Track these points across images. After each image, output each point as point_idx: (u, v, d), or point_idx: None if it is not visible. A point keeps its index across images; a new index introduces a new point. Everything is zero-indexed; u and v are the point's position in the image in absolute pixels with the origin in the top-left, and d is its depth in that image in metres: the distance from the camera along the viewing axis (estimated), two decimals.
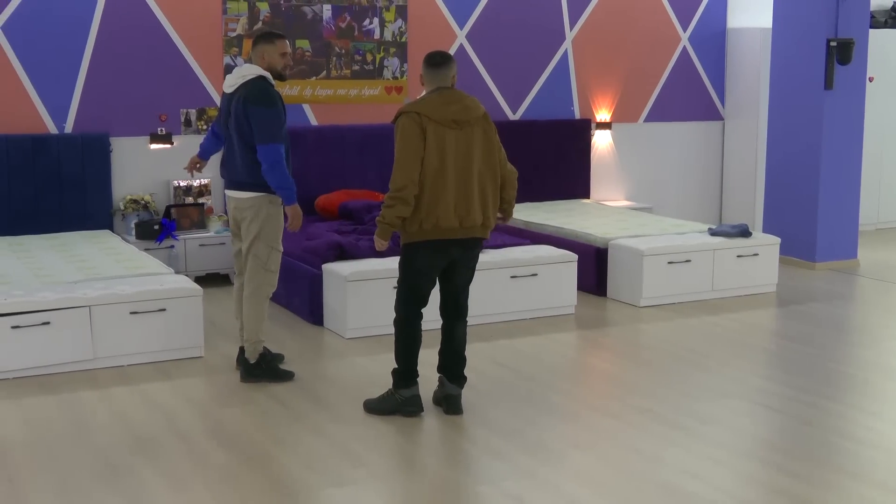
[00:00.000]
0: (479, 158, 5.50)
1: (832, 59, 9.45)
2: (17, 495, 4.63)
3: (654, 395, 6.07)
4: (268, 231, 6.19)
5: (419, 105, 5.42)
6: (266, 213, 6.16)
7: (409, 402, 5.62)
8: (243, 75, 6.15)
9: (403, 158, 5.34)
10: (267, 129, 6.00)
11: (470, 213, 5.47)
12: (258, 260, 6.21)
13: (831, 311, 8.26)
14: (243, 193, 6.19)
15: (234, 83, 6.18)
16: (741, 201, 11.60)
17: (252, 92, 6.06)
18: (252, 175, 6.11)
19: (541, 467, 4.98)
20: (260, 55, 6.20)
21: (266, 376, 6.32)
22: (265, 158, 5.99)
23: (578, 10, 10.81)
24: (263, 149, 5.99)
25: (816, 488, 4.73)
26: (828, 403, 5.96)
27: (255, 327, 6.28)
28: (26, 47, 8.54)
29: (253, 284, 6.26)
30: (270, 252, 6.23)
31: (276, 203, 6.18)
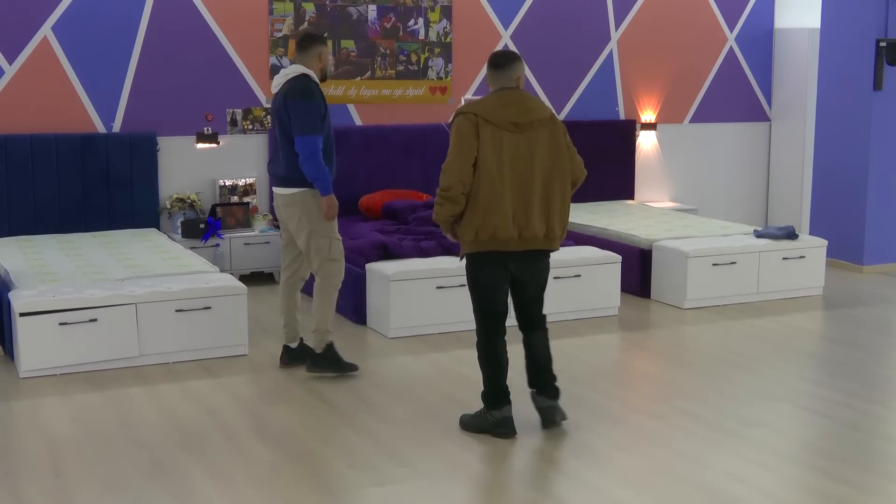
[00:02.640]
0: (543, 164, 5.18)
1: (881, 59, 9.34)
2: (65, 490, 4.68)
3: (699, 398, 6.03)
4: (320, 223, 6.22)
5: (476, 106, 5.18)
6: (311, 206, 6.20)
7: (500, 424, 5.32)
8: (287, 74, 6.22)
9: (453, 158, 5.14)
10: (303, 121, 6.05)
11: (530, 223, 5.16)
12: (321, 252, 6.25)
13: (879, 315, 8.17)
14: (288, 189, 6.23)
15: (279, 83, 6.25)
16: (787, 203, 11.49)
17: (292, 87, 6.13)
18: (295, 170, 6.16)
19: (585, 470, 4.96)
20: (317, 55, 6.26)
21: (331, 367, 6.36)
22: (301, 149, 6.06)
23: (624, 11, 10.76)
24: (300, 140, 6.06)
25: (863, 493, 4.68)
26: (875, 408, 5.90)
27: (324, 318, 6.33)
28: (76, 48, 8.63)
29: (320, 277, 6.31)
30: (331, 242, 6.26)
31: (318, 196, 6.21)
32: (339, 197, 9.43)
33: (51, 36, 8.55)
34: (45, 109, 8.60)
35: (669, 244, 8.37)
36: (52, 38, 8.56)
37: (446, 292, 7.36)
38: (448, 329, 7.37)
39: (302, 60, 6.27)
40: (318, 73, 6.27)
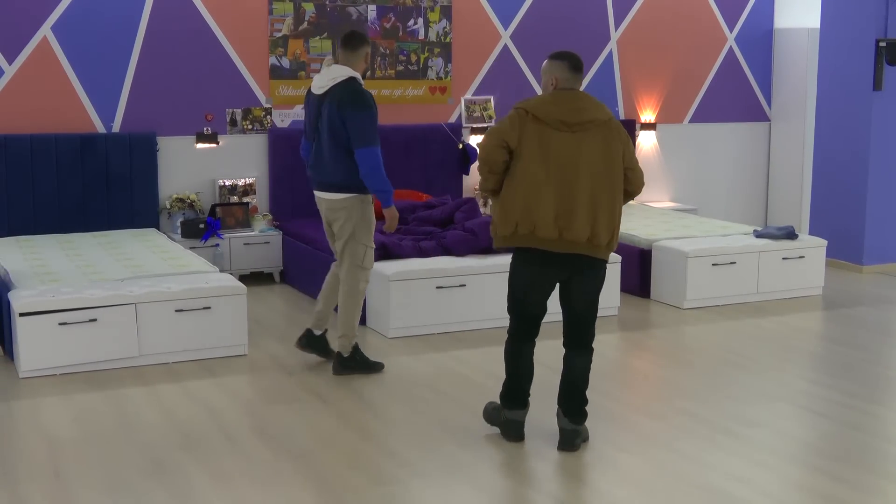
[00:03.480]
0: (593, 166, 4.95)
1: (881, 59, 9.35)
2: (64, 490, 4.68)
3: (699, 398, 6.03)
4: (361, 231, 6.24)
5: (530, 102, 5.09)
6: (359, 214, 6.21)
7: (508, 425, 5.25)
8: (334, 77, 6.14)
9: (486, 141, 5.06)
10: (364, 133, 6.02)
11: (572, 225, 4.92)
12: (354, 258, 6.27)
13: (879, 315, 8.17)
14: (335, 195, 6.21)
15: (324, 85, 6.18)
16: (787, 203, 11.49)
17: (347, 95, 6.06)
18: (344, 177, 6.14)
19: (585, 469, 4.96)
20: (364, 56, 6.24)
21: (359, 369, 6.39)
22: (364, 162, 6.02)
23: (623, 11, 10.76)
24: (361, 153, 6.01)
25: (863, 493, 4.68)
26: (875, 408, 5.90)
27: (350, 323, 6.35)
28: (75, 47, 8.63)
29: (349, 283, 6.32)
30: (366, 250, 6.28)
31: (367, 203, 6.22)
32: None
33: (50, 36, 8.55)
34: (45, 109, 8.60)
35: (669, 244, 8.37)
36: (51, 38, 8.56)
37: (446, 292, 7.36)
38: (447, 329, 7.37)
39: (349, 61, 6.19)
40: (361, 73, 6.24)
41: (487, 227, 7.86)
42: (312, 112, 6.29)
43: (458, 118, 10.06)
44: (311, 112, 6.30)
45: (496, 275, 7.49)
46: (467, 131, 10.07)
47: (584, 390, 5.26)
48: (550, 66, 5.18)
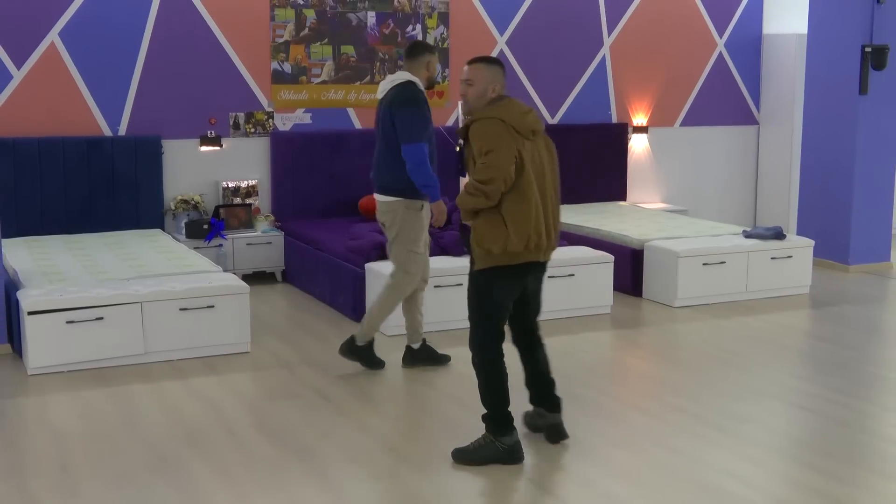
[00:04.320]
0: (550, 172, 4.98)
1: (867, 64, 9.33)
2: (71, 484, 4.66)
3: (690, 394, 6.02)
4: (405, 235, 6.18)
5: (500, 112, 4.85)
6: (402, 218, 6.14)
7: (513, 450, 4.91)
8: (393, 80, 6.17)
9: (498, 154, 4.74)
10: (410, 129, 6.00)
11: (554, 232, 4.97)
12: (399, 261, 6.23)
13: (864, 314, 8.16)
14: (384, 197, 6.20)
15: (384, 88, 6.20)
16: (775, 204, 11.49)
17: (398, 94, 6.07)
18: (392, 179, 6.12)
19: (579, 464, 4.95)
20: (425, 64, 6.21)
21: (362, 360, 6.38)
22: (409, 157, 5.99)
23: (616, 17, 10.74)
24: (407, 148, 5.98)
25: (852, 488, 4.67)
26: (862, 404, 5.89)
27: (378, 317, 6.33)
28: (82, 53, 8.61)
29: (392, 282, 6.28)
30: (409, 255, 6.21)
31: (413, 208, 6.14)
32: (338, 199, 9.53)
33: (58, 42, 8.53)
34: (53, 113, 8.58)
35: (661, 244, 8.36)
36: (59, 44, 8.53)
37: (443, 291, 7.34)
38: (444, 327, 7.35)
39: (410, 68, 6.21)
40: (425, 82, 6.22)
41: None
42: (377, 116, 6.30)
43: (455, 121, 10.05)
44: (376, 116, 6.32)
45: None
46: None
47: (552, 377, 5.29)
48: (493, 73, 4.97)
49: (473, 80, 4.93)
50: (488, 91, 4.93)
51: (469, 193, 4.83)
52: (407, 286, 6.29)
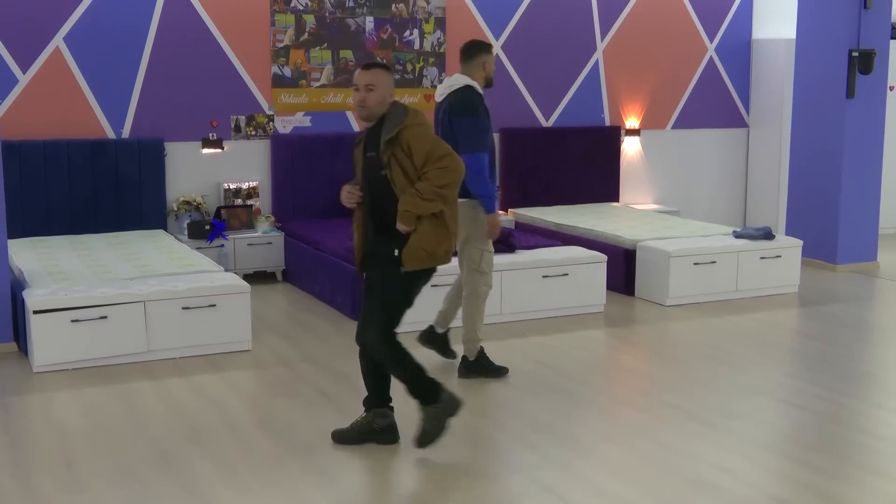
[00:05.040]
0: None
1: (854, 68, 9.33)
2: (76, 480, 4.64)
3: (682, 391, 6.01)
4: (475, 235, 6.09)
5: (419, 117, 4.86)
6: (470, 218, 6.05)
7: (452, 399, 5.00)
8: (451, 85, 6.08)
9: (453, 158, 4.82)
10: (470, 139, 5.90)
11: None
12: (472, 262, 6.14)
13: (852, 312, 8.16)
14: None
15: (442, 93, 6.12)
16: (765, 205, 11.49)
17: (457, 102, 5.98)
18: None
19: (573, 459, 4.94)
20: (481, 64, 6.10)
21: (484, 373, 6.22)
22: (468, 167, 5.82)
23: (609, 22, 10.74)
24: (467, 158, 5.81)
25: (840, 483, 4.66)
26: (850, 401, 5.88)
27: (473, 327, 6.20)
28: (87, 58, 8.59)
29: (469, 286, 6.19)
30: (482, 254, 6.13)
31: (479, 208, 6.05)
32: (337, 200, 9.45)
33: (63, 46, 8.51)
34: (58, 116, 8.56)
35: (653, 244, 8.35)
36: (63, 49, 8.52)
37: (440, 290, 7.31)
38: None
39: (466, 70, 6.10)
40: (482, 82, 6.12)
41: None
42: (436, 119, 6.22)
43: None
44: (435, 119, 6.23)
45: None
46: None
47: None
48: (390, 79, 4.88)
49: (375, 86, 4.78)
50: (387, 97, 4.85)
51: (424, 199, 4.74)
52: (484, 286, 6.20)
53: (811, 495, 4.50)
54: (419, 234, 4.82)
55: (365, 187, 4.94)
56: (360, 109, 4.84)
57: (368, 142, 4.90)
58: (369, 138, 4.90)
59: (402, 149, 4.75)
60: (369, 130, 4.91)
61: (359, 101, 4.81)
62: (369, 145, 4.89)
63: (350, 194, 4.96)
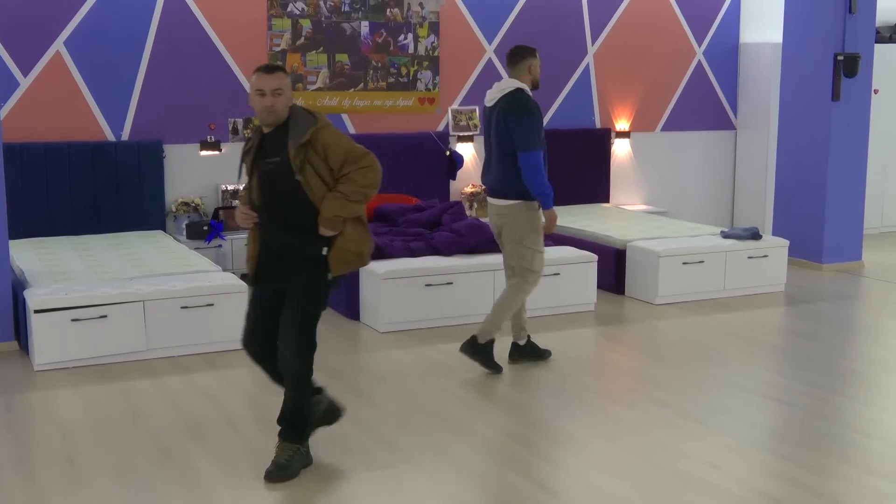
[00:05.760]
0: None
1: (839, 72, 9.35)
2: (77, 476, 4.64)
3: (671, 388, 6.02)
4: (528, 235, 6.15)
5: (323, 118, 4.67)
6: (525, 219, 6.12)
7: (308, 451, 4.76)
8: (503, 89, 6.15)
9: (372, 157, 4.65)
10: (526, 138, 5.98)
11: None
12: (523, 261, 6.19)
13: (837, 310, 8.17)
14: (503, 201, 6.16)
15: (494, 97, 6.18)
16: (752, 206, 11.51)
17: (511, 103, 6.05)
18: (511, 184, 6.09)
19: (565, 455, 4.95)
20: (527, 68, 6.19)
21: (483, 361, 6.27)
22: (526, 166, 5.97)
23: (600, 27, 10.75)
24: (524, 156, 5.96)
25: (825, 478, 4.67)
26: (835, 397, 5.90)
27: (500, 316, 6.24)
28: (87, 61, 8.58)
29: (515, 281, 6.25)
30: (534, 254, 6.19)
31: (533, 209, 6.13)
32: None
33: (63, 50, 8.50)
34: (58, 119, 8.55)
35: (642, 244, 8.36)
36: (64, 53, 8.51)
37: (434, 289, 7.34)
38: (435, 324, 7.35)
39: (514, 74, 6.20)
40: (529, 84, 6.20)
41: (473, 229, 7.86)
42: (485, 123, 6.29)
43: (445, 127, 10.04)
44: (485, 123, 6.31)
45: (481, 273, 7.48)
46: (454, 139, 10.06)
47: None
48: (290, 82, 4.65)
49: (283, 90, 4.52)
50: (290, 99, 4.62)
51: (351, 201, 4.54)
52: (531, 285, 6.26)
53: (797, 490, 4.51)
54: (345, 237, 4.59)
55: (267, 195, 4.61)
56: (267, 115, 4.52)
57: (269, 148, 4.57)
58: (269, 144, 4.58)
59: (317, 151, 4.50)
60: (267, 136, 4.59)
61: (267, 106, 4.50)
62: (270, 151, 4.56)
63: (246, 216, 4.65)
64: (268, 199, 4.63)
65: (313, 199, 4.53)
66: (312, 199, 4.53)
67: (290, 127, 4.54)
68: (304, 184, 4.50)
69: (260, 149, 4.61)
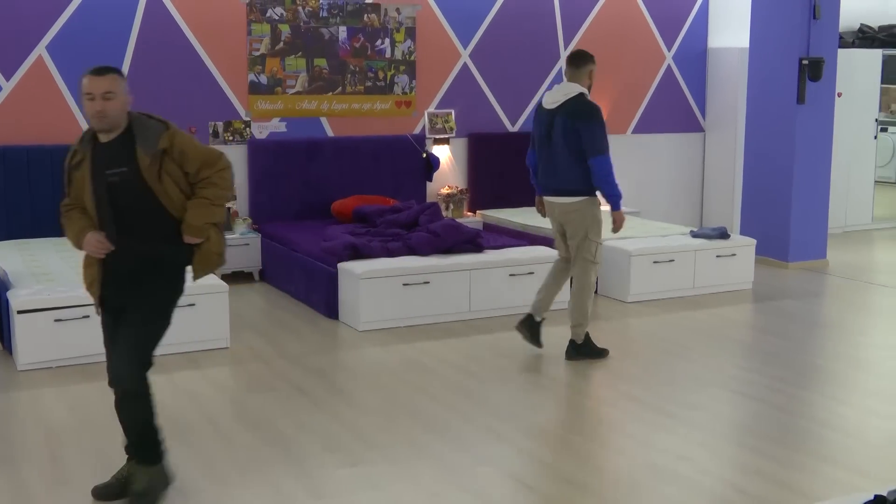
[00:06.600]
0: None
1: (804, 76, 9.41)
2: (61, 474, 4.62)
3: (643, 384, 6.05)
4: (594, 230, 6.37)
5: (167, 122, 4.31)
6: (591, 215, 6.34)
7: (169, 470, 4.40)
8: (566, 93, 6.27)
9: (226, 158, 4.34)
10: (597, 143, 6.15)
11: None
12: (588, 254, 6.37)
13: (803, 307, 8.23)
14: (570, 199, 6.31)
15: (557, 100, 6.29)
16: (720, 206, 11.56)
17: (579, 108, 6.21)
18: (578, 182, 6.25)
19: (539, 449, 4.96)
20: (588, 73, 6.34)
21: (590, 354, 6.47)
22: (598, 169, 6.15)
23: (572, 31, 10.77)
24: (596, 160, 6.14)
25: (790, 470, 4.71)
26: (801, 392, 5.94)
27: (582, 313, 6.42)
28: (68, 65, 8.52)
29: (582, 278, 6.42)
30: (597, 247, 6.41)
31: (595, 204, 6.35)
32: (312, 202, 9.49)
33: (45, 55, 8.44)
34: (41, 123, 8.48)
35: (614, 244, 8.37)
36: (46, 57, 8.44)
37: (411, 289, 7.34)
38: (413, 322, 7.35)
39: (574, 78, 6.32)
40: (587, 89, 6.33)
41: (449, 230, 7.86)
42: (543, 125, 6.36)
43: (421, 130, 10.04)
44: (542, 125, 6.38)
45: (457, 273, 7.49)
46: (430, 142, 10.05)
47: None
48: (125, 85, 4.28)
49: (115, 93, 4.12)
50: (126, 104, 4.21)
51: (216, 205, 4.23)
52: (594, 274, 6.46)
53: (765, 482, 4.55)
54: (210, 241, 4.28)
55: (111, 210, 4.16)
56: (98, 121, 4.09)
57: (109, 158, 4.12)
58: (109, 154, 4.13)
59: (173, 158, 4.12)
60: (104, 146, 4.15)
61: (97, 111, 4.07)
62: (111, 162, 4.11)
63: (100, 244, 4.16)
64: (114, 213, 4.15)
65: (171, 208, 4.16)
66: (170, 209, 4.16)
67: (138, 134, 4.13)
68: (162, 193, 4.12)
69: (95, 160, 4.15)
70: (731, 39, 11.33)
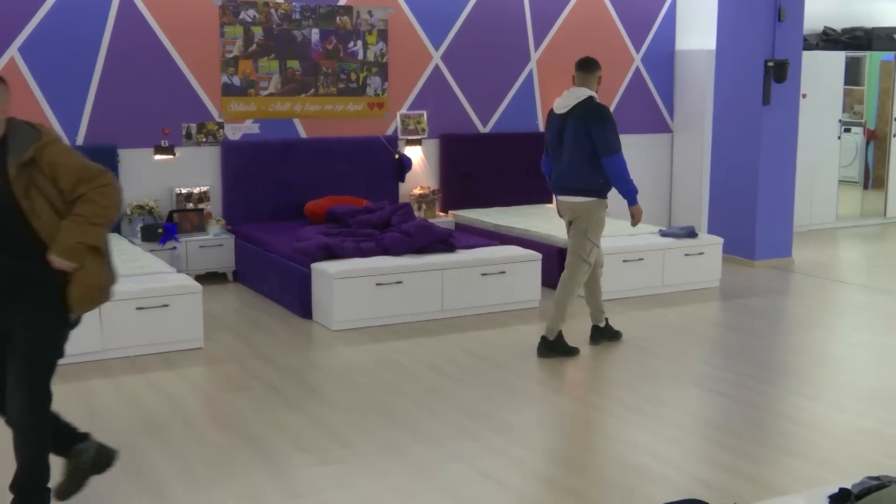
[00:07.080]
0: None
1: (769, 77, 9.48)
2: None
3: (613, 380, 6.07)
4: (594, 229, 6.51)
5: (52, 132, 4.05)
6: (596, 216, 6.49)
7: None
8: (577, 97, 6.42)
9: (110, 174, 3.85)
10: (609, 143, 6.31)
11: None
12: (581, 250, 6.52)
13: (769, 305, 8.28)
14: (580, 198, 6.47)
15: (567, 104, 6.44)
16: (688, 206, 11.62)
17: (590, 110, 6.36)
18: (586, 182, 6.41)
19: (510, 446, 4.96)
20: (597, 78, 6.51)
21: (561, 352, 6.54)
22: (613, 168, 6.32)
23: (542, 34, 10.79)
24: (610, 160, 6.30)
25: (757, 464, 4.73)
26: (767, 388, 5.97)
27: (563, 309, 6.52)
28: (41, 67, 8.44)
29: (570, 272, 6.54)
30: (592, 247, 6.53)
31: (603, 206, 6.52)
32: (285, 203, 9.46)
33: (17, 57, 8.35)
34: None
35: None
36: (18, 59, 8.36)
37: (384, 289, 7.32)
38: (385, 322, 7.34)
39: (584, 82, 6.49)
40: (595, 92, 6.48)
41: (421, 230, 7.85)
42: (555, 129, 6.51)
43: (394, 131, 10.02)
44: (554, 129, 6.53)
45: (429, 272, 7.48)
46: (403, 143, 10.04)
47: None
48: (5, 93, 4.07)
49: None
50: (5, 113, 3.93)
51: (94, 224, 3.75)
52: (584, 274, 6.57)
53: (733, 477, 4.57)
54: (87, 270, 3.78)
55: None
56: None
57: None
58: None
59: (44, 172, 3.69)
60: None
61: None
62: None
63: None
64: None
65: (41, 229, 3.68)
66: (40, 231, 3.68)
67: (9, 143, 3.74)
68: (30, 210, 3.65)
69: None
70: (698, 42, 11.39)
